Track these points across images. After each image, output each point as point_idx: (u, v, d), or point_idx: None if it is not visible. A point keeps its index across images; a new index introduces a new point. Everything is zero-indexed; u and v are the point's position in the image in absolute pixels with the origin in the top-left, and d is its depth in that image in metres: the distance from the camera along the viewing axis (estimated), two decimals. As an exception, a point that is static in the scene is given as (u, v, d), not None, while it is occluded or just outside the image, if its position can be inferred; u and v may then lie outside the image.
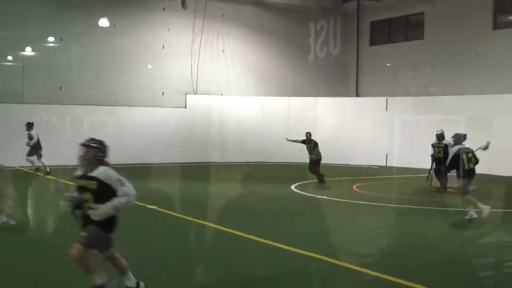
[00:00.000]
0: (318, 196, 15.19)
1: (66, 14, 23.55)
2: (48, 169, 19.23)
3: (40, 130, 20.26)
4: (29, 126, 19.24)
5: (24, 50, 23.14)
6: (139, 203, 12.98)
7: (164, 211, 12.45)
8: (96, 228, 6.11)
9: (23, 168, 20.07)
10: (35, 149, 19.10)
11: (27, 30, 22.84)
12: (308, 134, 18.29)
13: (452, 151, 12.00)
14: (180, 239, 10.11)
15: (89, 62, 24.08)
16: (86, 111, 23.77)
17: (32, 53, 23.31)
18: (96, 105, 23.97)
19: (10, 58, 22.93)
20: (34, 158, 19.23)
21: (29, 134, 19.03)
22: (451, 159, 11.80)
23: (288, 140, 19.16)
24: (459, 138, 12.23)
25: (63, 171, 20.25)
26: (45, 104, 22.96)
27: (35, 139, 19.02)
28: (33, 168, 19.58)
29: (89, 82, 24.04)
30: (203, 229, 10.88)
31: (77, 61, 23.91)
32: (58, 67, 23.45)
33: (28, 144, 19.04)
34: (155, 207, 12.68)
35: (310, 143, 18.13)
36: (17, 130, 22.09)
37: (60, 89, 23.44)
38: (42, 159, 19.29)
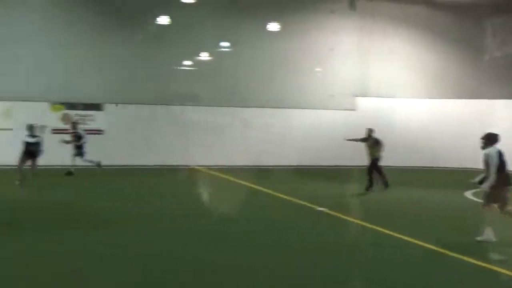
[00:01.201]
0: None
1: (237, 20, 24.45)
2: (72, 170, 18.89)
3: (211, 132, 21.22)
4: (74, 125, 19.33)
5: (199, 55, 24.39)
6: (309, 205, 13.02)
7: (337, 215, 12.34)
8: None
9: (199, 168, 21.06)
10: (78, 148, 18.95)
11: (202, 36, 24.03)
12: (369, 131, 16.84)
13: None
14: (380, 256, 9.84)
15: (258, 66, 24.76)
16: (256, 113, 24.46)
17: (207, 58, 24.49)
18: (266, 108, 24.59)
19: (187, 63, 24.28)
20: (85, 157, 19.04)
21: (76, 133, 19.00)
22: None
23: (348, 140, 18.04)
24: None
25: (232, 171, 21.04)
26: (218, 106, 23.99)
27: (84, 138, 18.91)
28: (94, 165, 19.26)
29: (258, 85, 24.72)
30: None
31: (247, 65, 24.69)
32: (229, 71, 24.40)
33: (70, 143, 18.97)
34: (324, 209, 12.64)
35: (368, 141, 16.72)
36: (192, 130, 23.42)
37: (232, 92, 24.35)
38: (76, 158, 19.02)
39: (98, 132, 22.51)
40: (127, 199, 14.56)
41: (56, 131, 21.86)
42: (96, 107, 22.66)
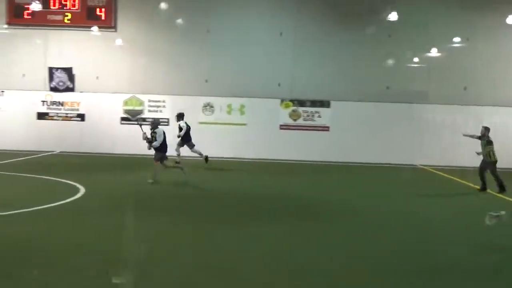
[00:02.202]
0: None
1: (473, 13, 22.98)
2: (204, 156, 18.98)
3: (440, 130, 20.16)
4: (179, 117, 19.23)
5: (429, 52, 23.44)
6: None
7: None
8: None
9: (425, 167, 20.30)
10: (185, 140, 18.92)
11: (432, 31, 23.06)
12: (483, 129, 15.65)
13: None
14: None
15: (495, 62, 23.03)
16: (490, 112, 22.77)
17: (437, 54, 23.44)
18: (501, 106, 22.79)
19: (416, 59, 23.51)
20: (182, 149, 18.99)
21: (179, 125, 18.96)
22: None
23: (465, 135, 16.38)
24: None
25: (463, 172, 19.84)
26: (448, 104, 22.85)
27: (184, 130, 18.77)
28: (176, 159, 18.48)
29: (494, 82, 23.02)
30: None
31: (483, 61, 23.11)
32: (463, 68, 23.07)
33: (178, 136, 18.90)
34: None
35: (482, 139, 15.48)
36: (421, 129, 22.64)
37: (465, 89, 23.02)
38: (195, 148, 19.06)
39: (324, 128, 22.92)
40: (379, 196, 14.58)
41: (284, 126, 22.77)
42: (323, 104, 23.06)
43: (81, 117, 23.18)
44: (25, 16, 23.03)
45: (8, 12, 23.09)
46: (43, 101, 23.13)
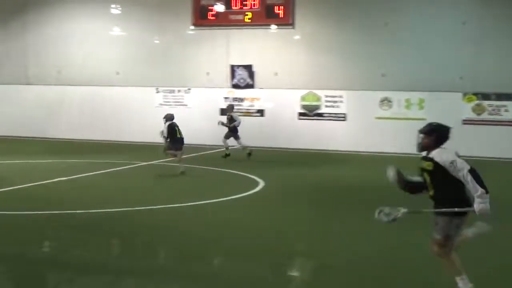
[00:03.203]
0: None
1: None
2: (248, 151, 19.56)
3: None
4: (230, 109, 20.09)
5: None
6: None
7: None
8: None
9: None
10: (234, 132, 19.51)
11: None
12: None
13: None
14: None
15: None
16: None
17: None
18: None
19: None
20: (229, 141, 19.64)
21: (229, 115, 19.75)
22: None
23: None
24: None
25: None
26: None
27: (238, 121, 19.58)
28: (225, 151, 19.53)
29: None
30: None
31: None
32: None
33: (225, 125, 19.65)
34: None
35: None
36: None
37: None
38: (240, 140, 19.72)
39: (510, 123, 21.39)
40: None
41: (468, 121, 21.59)
42: (510, 97, 21.48)
43: (261, 112, 23.93)
44: (209, 17, 24.28)
45: (193, 15, 24.50)
46: (225, 98, 24.24)
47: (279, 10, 23.45)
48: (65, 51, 25.81)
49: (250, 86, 24.01)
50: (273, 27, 23.72)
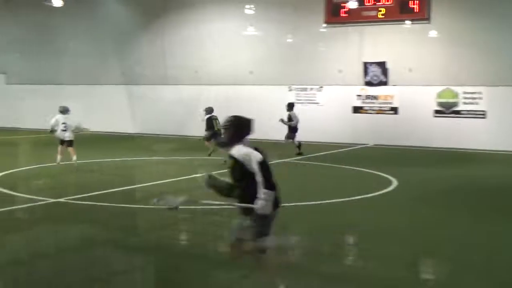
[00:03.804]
0: None
1: None
2: (298, 150, 19.22)
3: None
4: (290, 107, 19.75)
5: None
6: None
7: None
8: None
9: None
10: (293, 131, 19.42)
11: None
12: None
13: None
14: None
15: None
16: None
17: None
18: None
19: None
20: (290, 140, 19.53)
21: (289, 115, 19.54)
22: None
23: None
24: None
25: None
26: None
27: (295, 120, 19.40)
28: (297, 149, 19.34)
29: None
30: None
31: None
32: None
33: (285, 123, 19.52)
34: None
35: None
36: None
37: None
38: (292, 140, 19.51)
39: None
40: None
41: None
42: None
43: (395, 110, 23.38)
44: (342, 15, 24.10)
45: (326, 12, 24.43)
46: (358, 95, 23.95)
47: (414, 4, 22.77)
48: (201, 51, 26.81)
49: (383, 83, 23.55)
50: (408, 22, 23.08)
